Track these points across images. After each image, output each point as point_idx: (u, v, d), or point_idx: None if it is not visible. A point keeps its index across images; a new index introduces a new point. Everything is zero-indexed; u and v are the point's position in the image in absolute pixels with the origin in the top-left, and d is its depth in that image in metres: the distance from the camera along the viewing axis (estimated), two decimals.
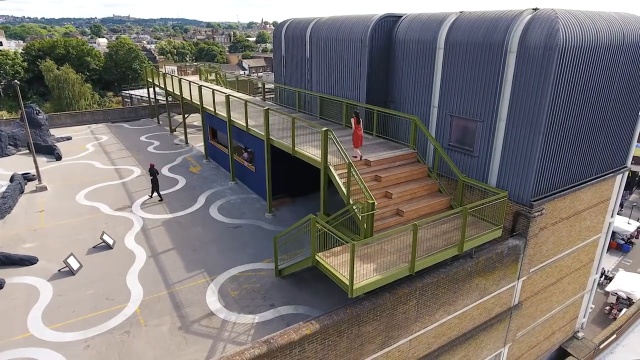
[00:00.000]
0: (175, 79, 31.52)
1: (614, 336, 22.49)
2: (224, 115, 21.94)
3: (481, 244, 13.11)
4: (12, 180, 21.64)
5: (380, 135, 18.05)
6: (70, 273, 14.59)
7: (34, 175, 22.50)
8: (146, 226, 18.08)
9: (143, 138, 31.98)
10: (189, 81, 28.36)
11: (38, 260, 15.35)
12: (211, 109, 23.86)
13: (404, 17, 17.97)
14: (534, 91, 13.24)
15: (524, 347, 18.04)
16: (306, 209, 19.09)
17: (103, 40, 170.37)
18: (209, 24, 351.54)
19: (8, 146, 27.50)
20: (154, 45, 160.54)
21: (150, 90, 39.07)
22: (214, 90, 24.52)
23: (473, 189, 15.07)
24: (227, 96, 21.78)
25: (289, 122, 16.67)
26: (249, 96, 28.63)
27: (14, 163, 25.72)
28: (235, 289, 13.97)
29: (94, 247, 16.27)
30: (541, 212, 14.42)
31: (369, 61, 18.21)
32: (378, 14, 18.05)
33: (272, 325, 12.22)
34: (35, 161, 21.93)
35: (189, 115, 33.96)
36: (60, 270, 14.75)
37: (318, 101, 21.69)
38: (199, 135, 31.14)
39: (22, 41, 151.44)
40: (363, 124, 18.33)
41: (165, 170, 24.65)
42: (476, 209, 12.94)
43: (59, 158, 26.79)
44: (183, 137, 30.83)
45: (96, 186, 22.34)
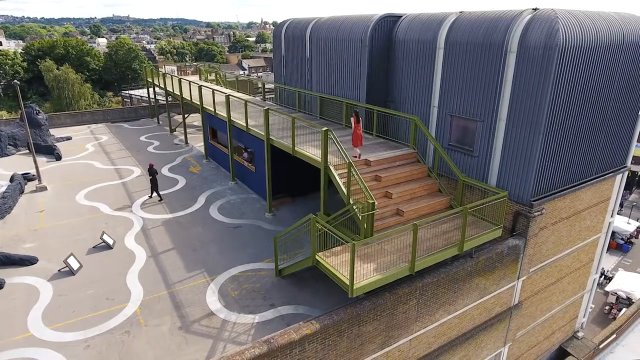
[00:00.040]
0: (175, 79, 31.52)
1: (614, 336, 22.50)
2: (224, 115, 21.94)
3: (481, 243, 13.12)
4: (12, 180, 21.63)
5: (380, 135, 18.05)
6: (70, 273, 14.60)
7: (34, 175, 22.50)
8: (146, 226, 18.08)
9: (143, 138, 31.98)
10: (189, 81, 28.35)
11: (38, 260, 15.35)
12: (211, 109, 23.86)
13: (404, 17, 17.97)
14: (534, 91, 13.25)
15: (524, 347, 18.06)
16: (306, 209, 19.09)
17: (103, 40, 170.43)
18: (208, 24, 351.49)
19: (8, 146, 27.49)
20: (153, 45, 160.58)
21: (150, 90, 39.08)
22: (213, 90, 24.51)
23: (473, 189, 15.08)
24: (227, 96, 21.78)
25: (289, 122, 16.67)
26: (249, 96, 28.62)
27: (14, 163, 25.72)
28: (235, 289, 13.97)
29: (94, 247, 16.27)
30: (541, 212, 14.43)
31: (369, 61, 18.22)
32: (378, 14, 18.05)
33: (273, 325, 12.22)
34: (35, 161, 21.93)
35: (188, 115, 33.95)
36: (60, 270, 14.75)
37: (318, 101, 21.69)
38: (198, 135, 31.14)
39: (22, 41, 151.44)
40: (363, 123, 18.35)
41: (165, 170, 24.65)
42: (476, 208, 12.95)
43: (58, 158, 26.79)
44: (183, 137, 30.83)
45: (96, 186, 22.34)
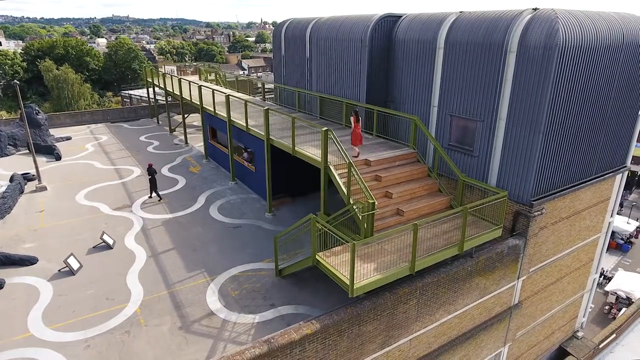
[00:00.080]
0: (174, 79, 31.51)
1: (614, 336, 22.51)
2: (224, 115, 21.93)
3: (481, 243, 13.12)
4: (12, 180, 21.62)
5: (380, 135, 18.05)
6: (71, 273, 14.59)
7: (33, 175, 22.49)
8: (146, 226, 18.08)
9: (143, 138, 31.96)
10: (189, 81, 28.34)
11: (38, 260, 15.34)
12: (211, 109, 23.85)
13: (404, 17, 17.98)
14: (534, 91, 13.25)
15: (523, 347, 18.06)
16: (306, 209, 19.09)
17: (102, 40, 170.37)
18: (208, 24, 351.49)
19: (8, 146, 27.47)
20: (153, 45, 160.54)
21: (149, 90, 39.06)
22: (213, 90, 24.51)
23: (473, 189, 15.08)
24: (227, 96, 21.78)
25: (289, 122, 16.67)
26: (249, 96, 28.62)
27: (14, 163, 25.70)
28: (235, 289, 13.97)
29: (94, 247, 16.26)
30: (541, 212, 14.44)
31: (368, 61, 18.22)
32: (378, 14, 18.05)
33: (273, 325, 12.22)
34: (35, 161, 21.92)
35: (188, 115, 33.94)
36: (60, 270, 14.74)
37: (318, 101, 21.69)
38: (198, 135, 31.14)
39: (22, 41, 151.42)
40: (363, 123, 18.36)
41: (165, 170, 24.64)
42: (476, 208, 12.95)
43: (58, 158, 26.78)
44: (183, 137, 30.82)
45: (96, 186, 22.33)
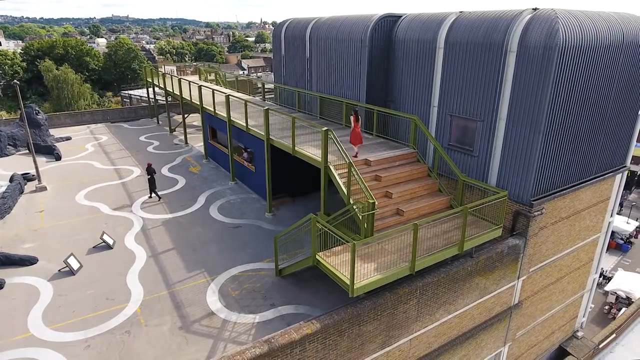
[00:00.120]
0: (174, 79, 31.51)
1: (614, 335, 22.52)
2: (224, 115, 21.93)
3: (481, 243, 13.12)
4: (12, 181, 21.61)
5: (380, 135, 18.05)
6: (71, 273, 14.59)
7: (33, 176, 22.48)
8: (146, 226, 18.07)
9: (142, 138, 31.96)
10: (189, 81, 28.34)
11: (38, 260, 15.33)
12: (211, 109, 23.85)
13: (404, 17, 17.98)
14: (534, 91, 13.26)
15: (523, 347, 18.07)
16: (306, 209, 19.10)
17: (102, 40, 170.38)
18: (208, 24, 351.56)
19: (7, 146, 27.45)
20: (153, 45, 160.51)
21: (149, 90, 39.06)
22: (213, 90, 24.51)
23: (473, 189, 15.08)
24: (227, 96, 21.78)
25: (289, 122, 16.67)
26: (249, 96, 28.62)
27: (14, 163, 25.69)
28: (235, 289, 13.97)
29: (94, 247, 16.26)
30: (541, 212, 14.44)
31: (368, 61, 18.22)
32: (378, 13, 18.06)
33: (273, 325, 12.23)
34: (34, 161, 21.91)
35: (188, 115, 33.93)
36: (60, 270, 14.74)
37: (318, 101, 21.69)
38: (198, 135, 31.14)
39: (21, 41, 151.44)
40: (363, 123, 18.37)
41: (165, 170, 24.64)
42: (476, 208, 12.95)
43: (58, 158, 26.77)
44: (183, 137, 30.81)
45: (96, 186, 22.32)
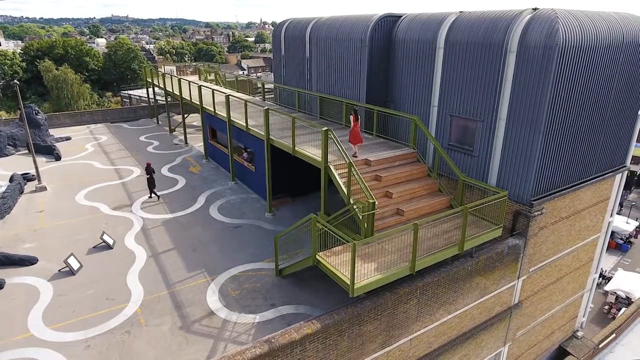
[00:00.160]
0: (174, 79, 31.50)
1: (613, 335, 22.53)
2: (224, 115, 21.93)
3: (481, 243, 13.13)
4: (12, 181, 21.60)
5: (380, 135, 18.05)
6: (71, 273, 14.58)
7: (33, 176, 22.47)
8: (146, 226, 18.07)
9: (142, 138, 31.95)
10: (189, 81, 28.34)
11: (38, 260, 15.33)
12: (211, 109, 23.85)
13: (404, 17, 17.98)
14: (534, 91, 13.27)
15: (523, 346, 18.08)
16: (306, 209, 19.10)
17: (102, 41, 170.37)
18: (207, 24, 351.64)
19: (7, 146, 27.45)
20: (152, 46, 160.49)
21: (149, 90, 39.05)
22: (213, 90, 24.51)
23: (473, 189, 15.09)
24: (227, 96, 21.78)
25: (289, 122, 16.67)
26: (249, 96, 28.62)
27: (14, 163, 25.68)
28: (235, 289, 13.97)
29: (94, 247, 16.26)
30: (541, 212, 14.45)
31: (368, 61, 18.22)
32: (378, 13, 18.06)
33: (273, 325, 12.23)
34: (34, 161, 21.90)
35: (188, 115, 33.93)
36: (60, 270, 14.73)
37: (318, 101, 21.69)
38: (198, 135, 31.13)
39: (21, 41, 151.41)
40: (363, 123, 18.38)
41: (165, 170, 24.63)
42: (476, 208, 12.96)
43: (58, 158, 26.76)
44: (182, 137, 30.81)
45: (96, 186, 22.32)
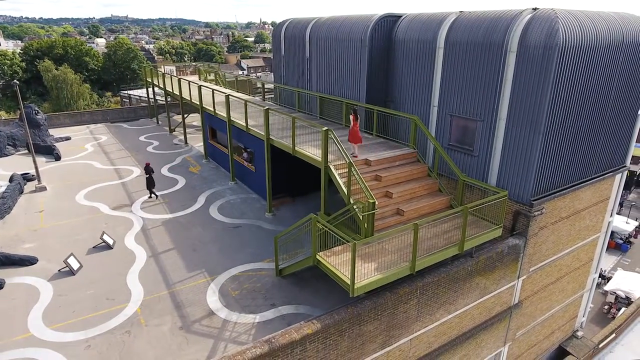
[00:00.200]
0: (174, 79, 31.49)
1: (613, 335, 22.54)
2: (224, 115, 21.92)
3: (481, 243, 13.13)
4: (12, 181, 21.59)
5: (380, 135, 18.05)
6: (71, 273, 14.58)
7: (33, 176, 22.46)
8: (146, 226, 18.06)
9: (142, 138, 31.94)
10: (189, 81, 28.33)
11: (38, 260, 15.32)
12: (211, 109, 23.84)
13: (404, 17, 17.98)
14: (534, 90, 13.27)
15: (523, 346, 18.08)
16: (306, 209, 19.10)
17: (101, 41, 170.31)
18: (207, 24, 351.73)
19: (7, 146, 27.43)
20: (152, 46, 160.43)
21: (149, 90, 39.04)
22: (213, 90, 24.50)
23: (473, 189, 15.09)
24: (227, 96, 21.77)
25: (289, 122, 16.67)
26: (249, 96, 28.61)
27: (13, 163, 25.67)
28: (235, 289, 13.97)
29: (94, 247, 16.25)
30: (541, 212, 14.45)
31: (368, 61, 18.22)
32: (378, 13, 18.06)
33: (273, 325, 12.22)
34: (34, 161, 21.88)
35: (188, 115, 33.92)
36: (60, 270, 14.73)
37: (318, 101, 21.69)
38: (198, 135, 31.13)
39: (20, 41, 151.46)
40: (363, 123, 18.38)
41: (164, 170, 24.63)
42: (476, 208, 12.96)
43: (58, 158, 26.75)
44: (182, 137, 30.80)
45: (96, 186, 22.31)
